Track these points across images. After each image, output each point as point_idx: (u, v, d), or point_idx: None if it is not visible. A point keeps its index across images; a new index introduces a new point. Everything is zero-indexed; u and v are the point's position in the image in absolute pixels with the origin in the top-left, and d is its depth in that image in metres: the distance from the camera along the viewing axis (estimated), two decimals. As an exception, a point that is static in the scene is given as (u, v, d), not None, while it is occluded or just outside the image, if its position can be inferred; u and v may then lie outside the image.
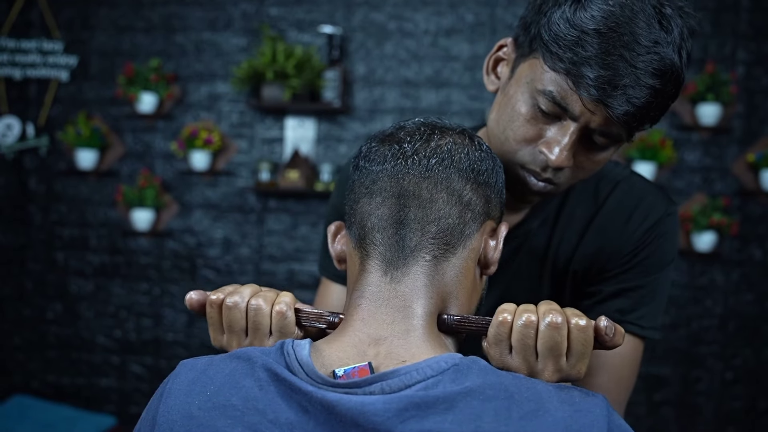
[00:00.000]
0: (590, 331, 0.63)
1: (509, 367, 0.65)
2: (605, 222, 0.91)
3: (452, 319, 0.67)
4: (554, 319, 0.62)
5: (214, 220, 3.44)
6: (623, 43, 0.71)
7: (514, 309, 0.65)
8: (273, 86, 3.15)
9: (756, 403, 3.23)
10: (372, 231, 0.67)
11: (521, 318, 0.64)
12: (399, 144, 0.69)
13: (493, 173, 0.72)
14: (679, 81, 0.75)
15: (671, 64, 0.72)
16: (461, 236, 0.67)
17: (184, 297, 0.71)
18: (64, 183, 3.52)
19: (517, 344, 0.64)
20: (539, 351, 0.63)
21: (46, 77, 3.47)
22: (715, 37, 3.22)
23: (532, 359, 0.64)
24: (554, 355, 0.63)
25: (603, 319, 0.64)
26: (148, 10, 3.45)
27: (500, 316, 0.65)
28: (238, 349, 0.66)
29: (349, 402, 0.57)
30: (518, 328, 0.64)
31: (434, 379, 0.58)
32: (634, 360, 0.91)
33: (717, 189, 3.24)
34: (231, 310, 0.70)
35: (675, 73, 0.73)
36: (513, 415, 0.56)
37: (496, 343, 0.65)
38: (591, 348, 0.64)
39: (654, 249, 0.90)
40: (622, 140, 0.77)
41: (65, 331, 3.52)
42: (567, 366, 0.64)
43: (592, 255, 0.91)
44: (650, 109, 0.73)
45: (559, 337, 0.62)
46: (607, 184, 0.92)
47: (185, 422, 0.60)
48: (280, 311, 0.69)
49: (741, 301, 3.24)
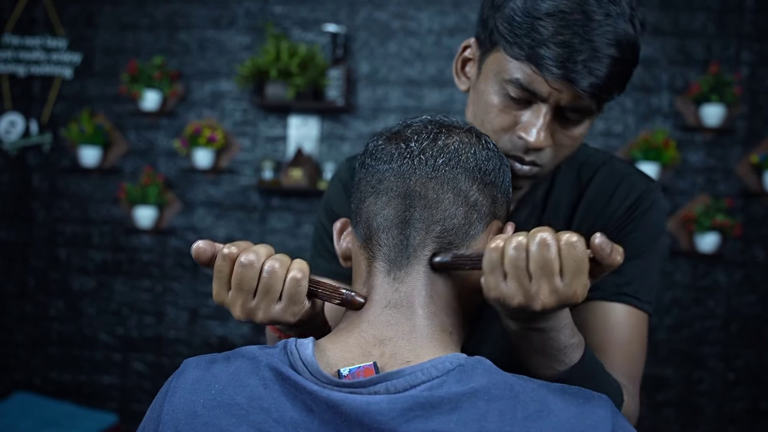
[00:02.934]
0: (581, 247, 0.60)
1: (504, 294, 0.62)
2: (589, 204, 0.93)
3: (446, 257, 0.65)
4: (543, 237, 0.60)
5: (216, 218, 3.44)
6: (575, 20, 0.76)
7: (506, 236, 0.63)
8: (276, 84, 3.16)
9: (758, 404, 3.23)
10: (378, 231, 0.67)
11: (512, 242, 0.61)
12: (406, 142, 0.69)
13: (500, 173, 0.71)
14: (636, 48, 0.80)
15: (625, 33, 0.78)
16: (466, 236, 0.67)
17: (192, 247, 0.66)
18: (67, 180, 3.52)
19: (510, 268, 0.61)
20: (532, 272, 0.61)
21: (50, 74, 3.47)
22: (719, 38, 3.22)
23: (526, 282, 0.61)
24: (547, 274, 0.60)
25: (598, 235, 0.61)
26: (151, 7, 3.45)
27: (492, 244, 0.63)
28: (242, 347, 0.66)
29: (354, 401, 0.57)
30: (510, 252, 0.61)
31: (439, 380, 0.58)
32: (641, 334, 0.91)
33: (720, 190, 3.23)
34: (245, 268, 0.66)
35: (630, 41, 0.79)
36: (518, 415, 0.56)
37: (491, 271, 0.62)
38: (586, 266, 0.60)
39: (639, 223, 0.92)
40: (593, 112, 0.82)
41: (67, 328, 3.53)
42: (562, 286, 0.60)
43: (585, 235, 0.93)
44: (612, 77, 0.78)
45: (549, 254, 0.60)
46: (589, 169, 0.95)
47: (190, 420, 0.60)
48: (295, 278, 0.66)
49: (743, 303, 3.24)
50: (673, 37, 3.24)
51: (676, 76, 3.24)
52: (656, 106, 3.26)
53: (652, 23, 3.24)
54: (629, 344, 0.90)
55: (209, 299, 3.45)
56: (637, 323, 0.91)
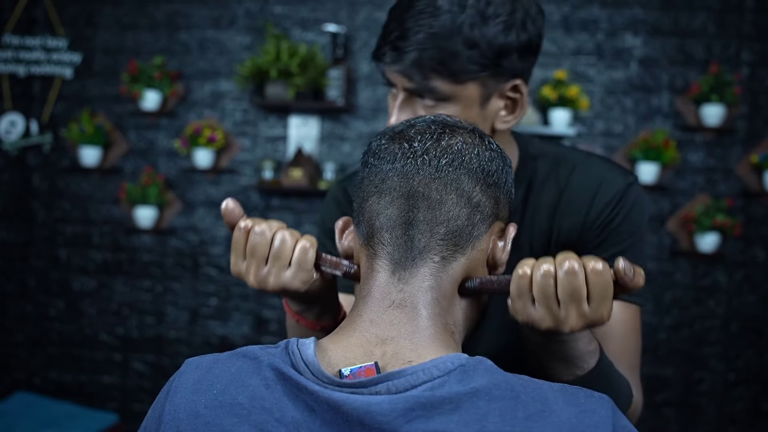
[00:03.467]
0: (607, 273, 0.64)
1: (533, 318, 0.66)
2: (570, 205, 0.96)
3: (475, 283, 0.68)
4: (571, 265, 0.64)
5: (217, 218, 3.45)
6: (401, 8, 0.87)
7: (532, 263, 0.67)
8: (277, 84, 3.16)
9: (758, 404, 3.23)
10: (380, 230, 0.67)
11: (540, 269, 0.65)
12: (409, 142, 0.69)
13: (502, 173, 0.71)
14: (473, 40, 0.84)
15: (451, 21, 0.84)
16: (470, 238, 0.67)
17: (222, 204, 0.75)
18: (68, 180, 3.52)
19: (538, 295, 0.65)
20: (560, 298, 0.65)
21: (50, 74, 3.47)
22: (720, 37, 3.22)
23: (555, 308, 0.65)
24: (575, 300, 0.64)
25: (620, 260, 0.64)
26: (152, 7, 3.45)
27: (520, 270, 0.66)
28: (243, 347, 0.66)
29: (355, 402, 0.57)
30: (538, 279, 0.65)
31: (440, 380, 0.58)
32: (635, 325, 0.95)
33: (720, 190, 3.23)
34: (257, 236, 0.72)
35: (456, 29, 0.84)
36: (518, 415, 0.56)
37: (519, 296, 0.66)
38: (611, 291, 0.65)
39: (622, 218, 0.95)
40: (448, 97, 0.87)
41: (68, 328, 3.53)
42: (590, 311, 0.65)
43: (566, 236, 0.96)
44: (424, 60, 0.84)
45: (577, 282, 0.64)
46: (566, 169, 0.98)
47: (191, 421, 0.60)
48: (304, 247, 0.72)
49: (744, 303, 3.24)
50: (673, 37, 3.24)
51: (677, 76, 3.24)
52: (656, 106, 3.26)
53: (652, 23, 3.25)
54: (625, 337, 0.94)
55: (210, 299, 3.46)
56: (631, 316, 0.95)
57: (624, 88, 3.27)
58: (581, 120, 3.28)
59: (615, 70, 3.28)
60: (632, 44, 3.26)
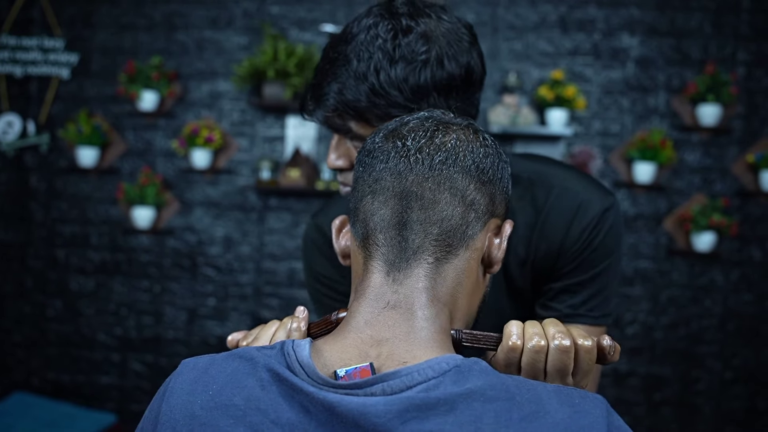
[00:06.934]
0: (595, 351, 0.67)
1: None
2: (548, 229, 0.96)
3: (461, 335, 0.68)
4: (563, 343, 0.65)
5: (214, 218, 3.45)
6: (320, 65, 0.90)
7: (521, 331, 0.67)
8: (274, 85, 3.16)
9: (755, 403, 3.24)
10: (375, 231, 0.67)
11: (531, 342, 0.66)
12: (402, 140, 0.68)
13: (498, 170, 0.70)
14: (357, 78, 0.85)
15: (354, 73, 0.85)
16: (464, 237, 0.67)
17: (226, 339, 0.81)
18: (65, 180, 3.52)
19: (527, 367, 0.67)
20: (548, 372, 0.66)
21: (48, 75, 3.47)
22: (716, 37, 3.22)
23: (540, 377, 0.67)
24: (562, 375, 0.66)
25: (606, 338, 0.67)
26: (149, 7, 3.45)
27: (509, 341, 0.67)
28: (239, 348, 0.66)
29: (351, 403, 0.57)
30: (528, 353, 0.66)
31: (435, 381, 0.58)
32: None
33: (717, 189, 3.24)
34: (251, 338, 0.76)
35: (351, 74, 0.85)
36: (513, 416, 0.56)
37: (506, 366, 0.68)
38: (594, 365, 0.67)
39: (597, 244, 0.95)
40: (364, 137, 0.88)
41: (66, 328, 3.53)
42: (573, 383, 0.67)
43: (542, 259, 0.97)
44: (337, 106, 0.87)
45: (567, 359, 0.66)
46: (542, 190, 0.97)
47: (187, 421, 0.60)
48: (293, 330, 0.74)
49: (740, 302, 3.25)
50: (669, 37, 3.25)
51: (673, 75, 3.25)
52: (653, 106, 3.26)
53: (648, 23, 3.25)
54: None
55: (207, 299, 3.46)
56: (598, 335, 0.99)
57: (621, 88, 3.28)
58: (578, 120, 3.28)
59: (612, 70, 3.28)
60: (629, 44, 3.26)
